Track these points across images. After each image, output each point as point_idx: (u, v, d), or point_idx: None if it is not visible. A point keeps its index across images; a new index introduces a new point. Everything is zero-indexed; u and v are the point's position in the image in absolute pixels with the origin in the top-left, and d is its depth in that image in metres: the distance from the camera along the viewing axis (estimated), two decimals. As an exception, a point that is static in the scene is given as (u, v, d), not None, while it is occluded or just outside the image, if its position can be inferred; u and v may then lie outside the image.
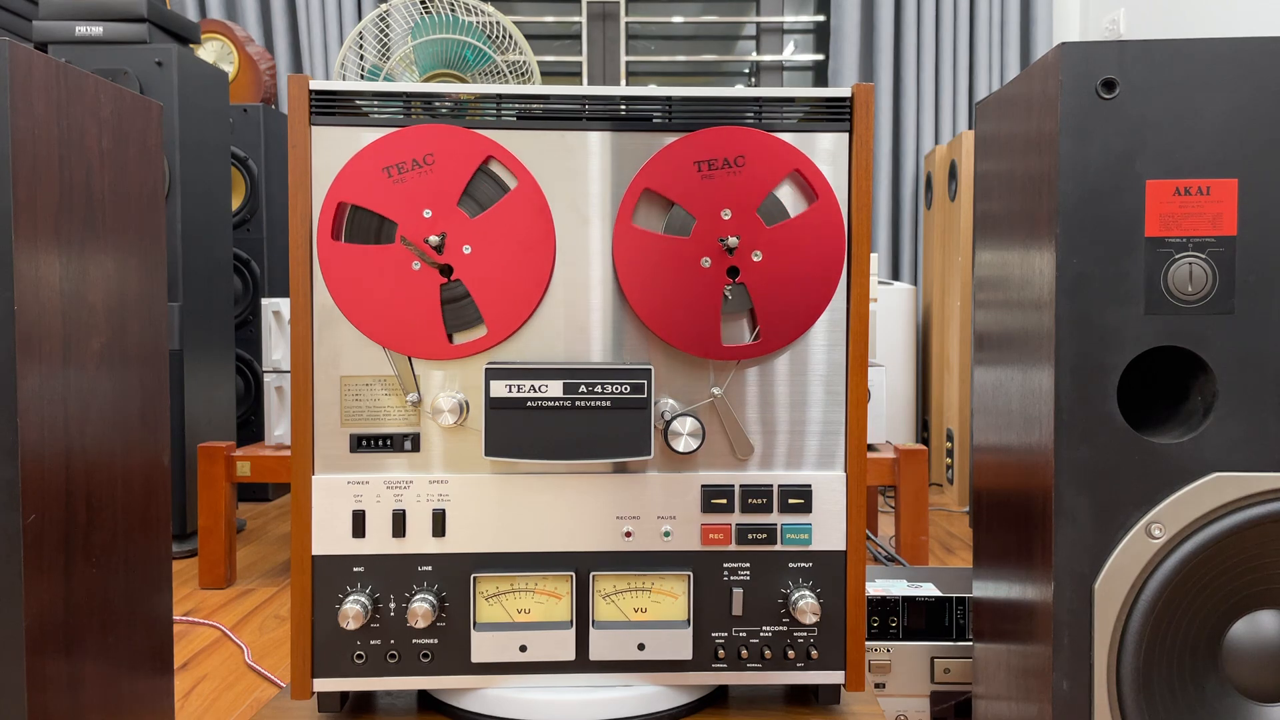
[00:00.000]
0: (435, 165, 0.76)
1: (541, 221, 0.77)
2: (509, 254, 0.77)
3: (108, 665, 0.75)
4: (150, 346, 0.81)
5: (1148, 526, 0.68)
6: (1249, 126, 0.67)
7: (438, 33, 2.03)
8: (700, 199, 0.77)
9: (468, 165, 0.76)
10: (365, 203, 0.76)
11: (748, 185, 0.77)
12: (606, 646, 0.79)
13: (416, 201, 0.76)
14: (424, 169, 0.76)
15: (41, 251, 0.66)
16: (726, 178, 0.77)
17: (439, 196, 0.76)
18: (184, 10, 2.94)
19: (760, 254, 0.77)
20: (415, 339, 0.77)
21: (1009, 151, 0.78)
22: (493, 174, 0.77)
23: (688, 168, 0.77)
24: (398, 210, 0.76)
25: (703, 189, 0.77)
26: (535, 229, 0.77)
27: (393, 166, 0.76)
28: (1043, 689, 0.71)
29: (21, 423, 0.63)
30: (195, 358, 1.97)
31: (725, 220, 0.77)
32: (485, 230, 0.76)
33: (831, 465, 0.80)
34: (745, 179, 0.77)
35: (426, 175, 0.76)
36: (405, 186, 0.76)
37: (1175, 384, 0.72)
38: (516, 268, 0.77)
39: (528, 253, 0.77)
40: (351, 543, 0.78)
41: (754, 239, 0.77)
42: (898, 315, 2.62)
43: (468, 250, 0.76)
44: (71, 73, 0.69)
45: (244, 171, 2.44)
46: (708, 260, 0.77)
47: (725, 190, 0.77)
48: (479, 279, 0.77)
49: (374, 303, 0.76)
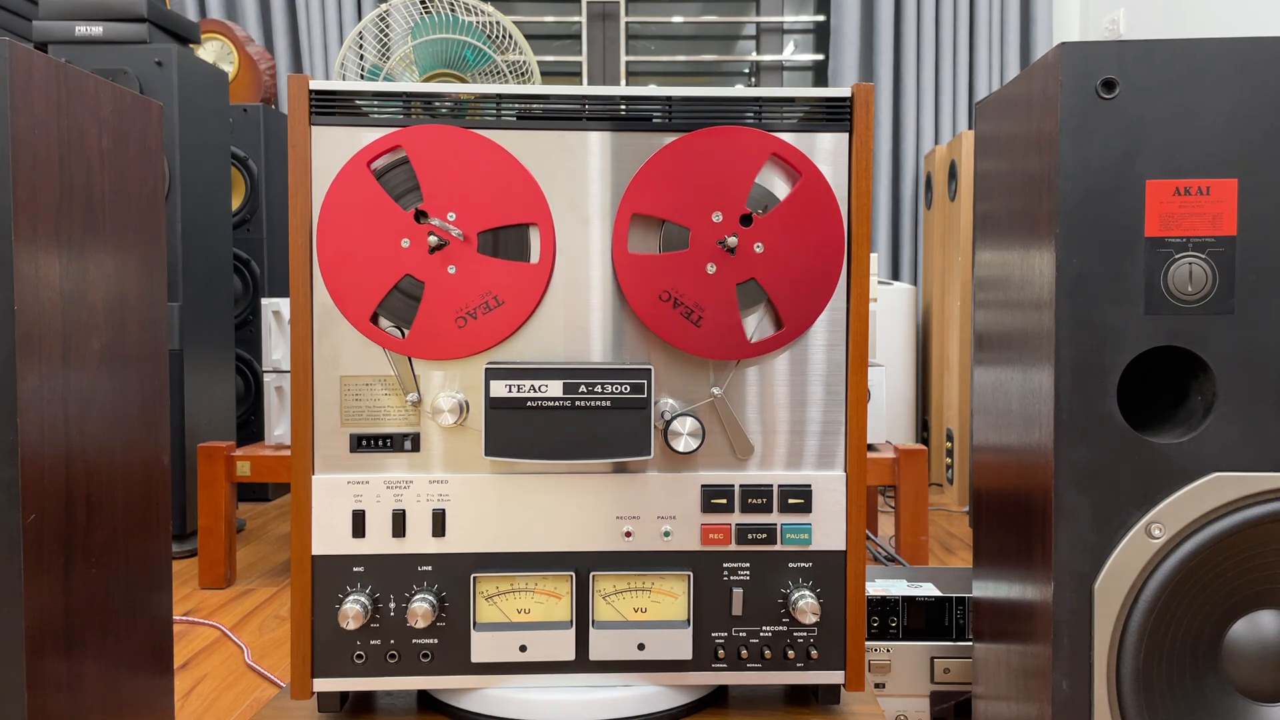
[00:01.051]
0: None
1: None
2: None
3: (108, 665, 0.75)
4: (150, 346, 0.81)
5: (1148, 526, 0.68)
6: (1249, 126, 0.67)
7: (438, 33, 2.03)
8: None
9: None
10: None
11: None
12: (606, 646, 0.79)
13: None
14: (480, 182, 0.76)
15: (41, 251, 0.66)
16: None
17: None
18: (184, 10, 2.94)
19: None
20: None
21: (1009, 151, 0.78)
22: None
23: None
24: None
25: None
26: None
27: (456, 158, 0.76)
28: (1043, 689, 0.71)
29: (21, 423, 0.63)
30: (195, 358, 1.97)
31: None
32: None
33: (831, 465, 0.80)
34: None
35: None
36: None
37: (1175, 384, 0.72)
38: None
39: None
40: (351, 543, 0.78)
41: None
42: (898, 315, 2.62)
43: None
44: (71, 73, 0.69)
45: (244, 171, 2.44)
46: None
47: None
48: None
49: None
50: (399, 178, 0.77)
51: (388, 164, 0.77)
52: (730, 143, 0.77)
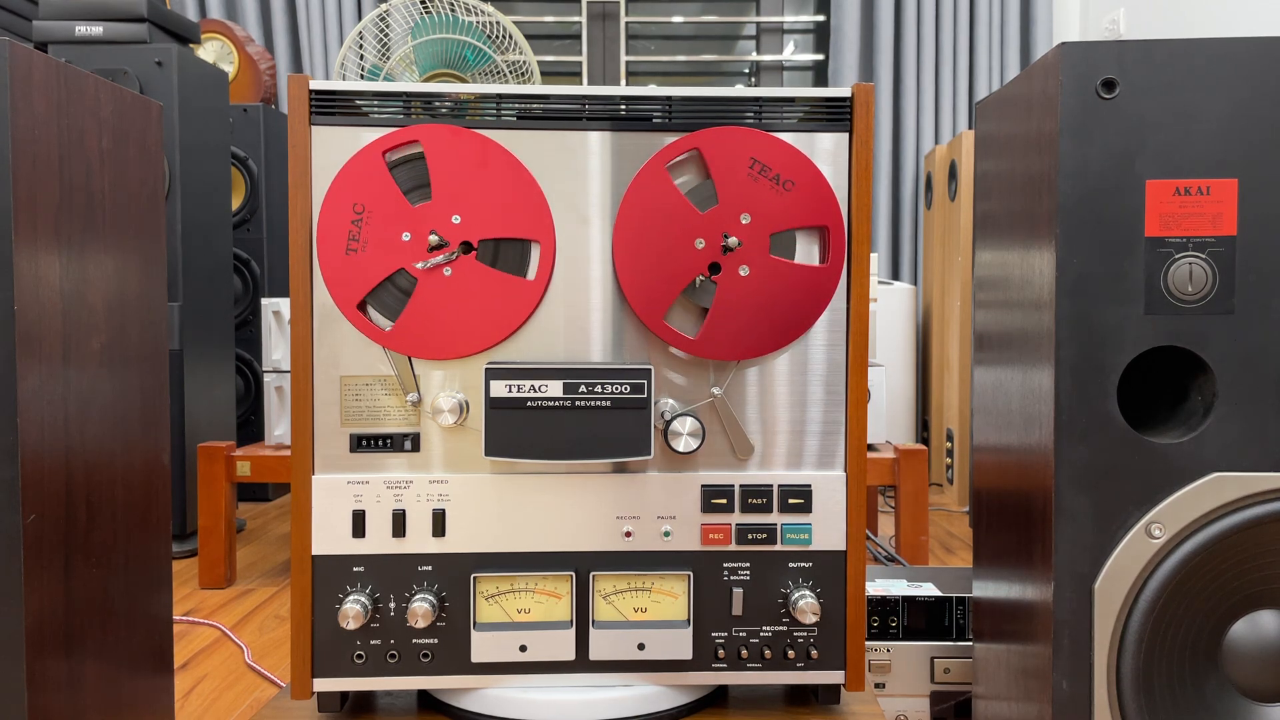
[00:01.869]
0: (366, 205, 0.76)
1: (467, 139, 0.76)
2: (477, 183, 0.77)
3: (108, 665, 0.75)
4: (150, 346, 0.81)
5: (1148, 526, 0.68)
6: (1249, 126, 0.67)
7: (438, 33, 2.03)
8: (736, 189, 0.77)
9: (380, 177, 0.76)
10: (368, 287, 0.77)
11: (781, 210, 0.77)
12: (606, 646, 0.79)
13: (390, 241, 0.76)
14: (364, 217, 0.76)
15: (41, 251, 0.66)
16: (769, 190, 0.77)
17: (394, 218, 0.76)
18: (184, 10, 2.94)
19: (747, 270, 0.77)
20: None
21: (1009, 151, 0.78)
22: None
23: (743, 157, 0.77)
24: (390, 262, 0.76)
25: (744, 183, 0.77)
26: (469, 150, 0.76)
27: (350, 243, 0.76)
28: (1043, 689, 0.71)
29: (21, 423, 0.63)
30: (195, 358, 1.97)
31: (741, 224, 0.77)
32: (445, 192, 0.76)
33: (831, 465, 0.80)
34: (783, 203, 0.77)
35: (371, 218, 0.76)
36: (372, 243, 0.76)
37: (1175, 384, 0.72)
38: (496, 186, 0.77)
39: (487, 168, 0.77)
40: (351, 543, 0.78)
41: (751, 257, 0.77)
42: (898, 315, 2.62)
43: (457, 220, 0.76)
44: (71, 73, 0.69)
45: (244, 171, 2.44)
46: (702, 242, 0.77)
47: (761, 200, 0.77)
48: (488, 221, 0.77)
49: (461, 323, 0.77)
50: (410, 173, 0.77)
51: (401, 157, 0.77)
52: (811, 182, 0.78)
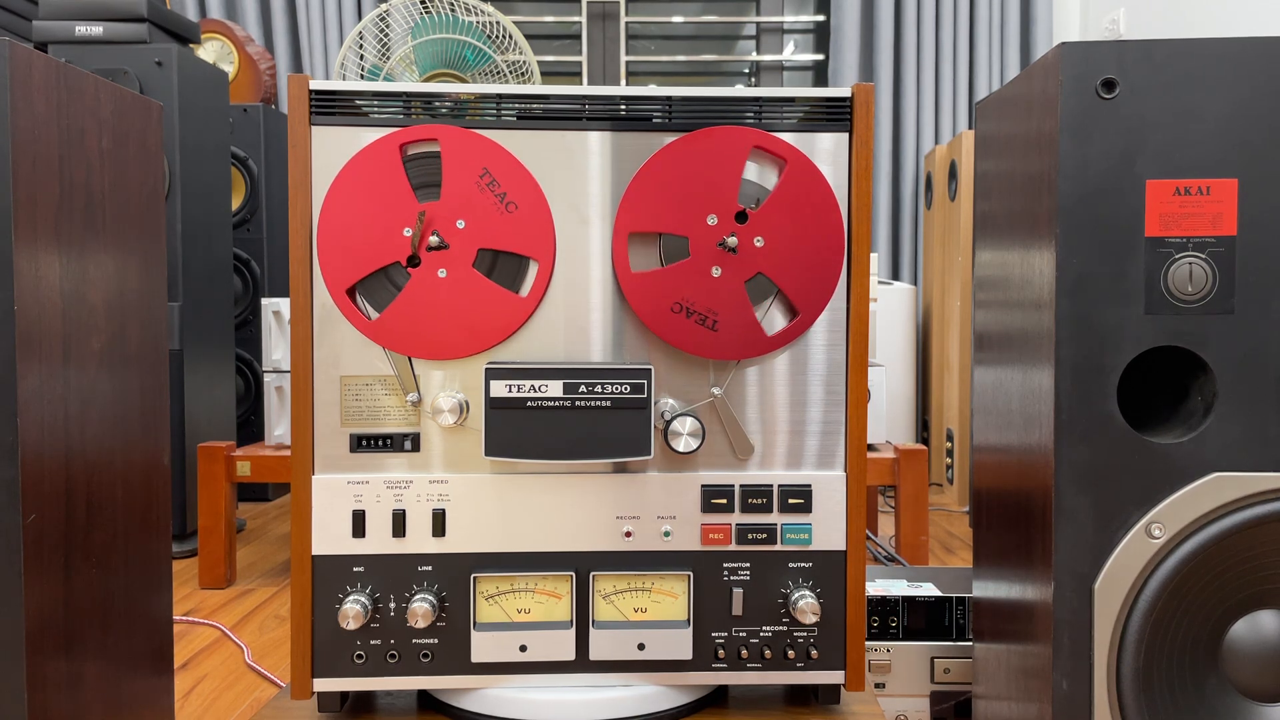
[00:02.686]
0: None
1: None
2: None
3: (108, 665, 0.75)
4: (150, 346, 0.81)
5: (1148, 526, 0.68)
6: (1249, 126, 0.67)
7: (438, 33, 2.03)
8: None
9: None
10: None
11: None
12: (606, 646, 0.79)
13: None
14: (372, 204, 0.76)
15: (41, 251, 0.66)
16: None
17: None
18: (184, 10, 2.94)
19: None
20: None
21: (1009, 151, 0.78)
22: (422, 154, 0.77)
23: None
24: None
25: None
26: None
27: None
28: (1043, 689, 0.71)
29: (21, 423, 0.63)
30: (195, 358, 1.97)
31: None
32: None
33: (831, 465, 0.80)
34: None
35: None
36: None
37: (1175, 384, 0.72)
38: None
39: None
40: (351, 543, 0.78)
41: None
42: (898, 315, 2.62)
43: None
44: (71, 73, 0.69)
45: (244, 171, 2.44)
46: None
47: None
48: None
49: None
50: (423, 169, 0.77)
51: (415, 153, 0.77)
52: (712, 144, 0.77)
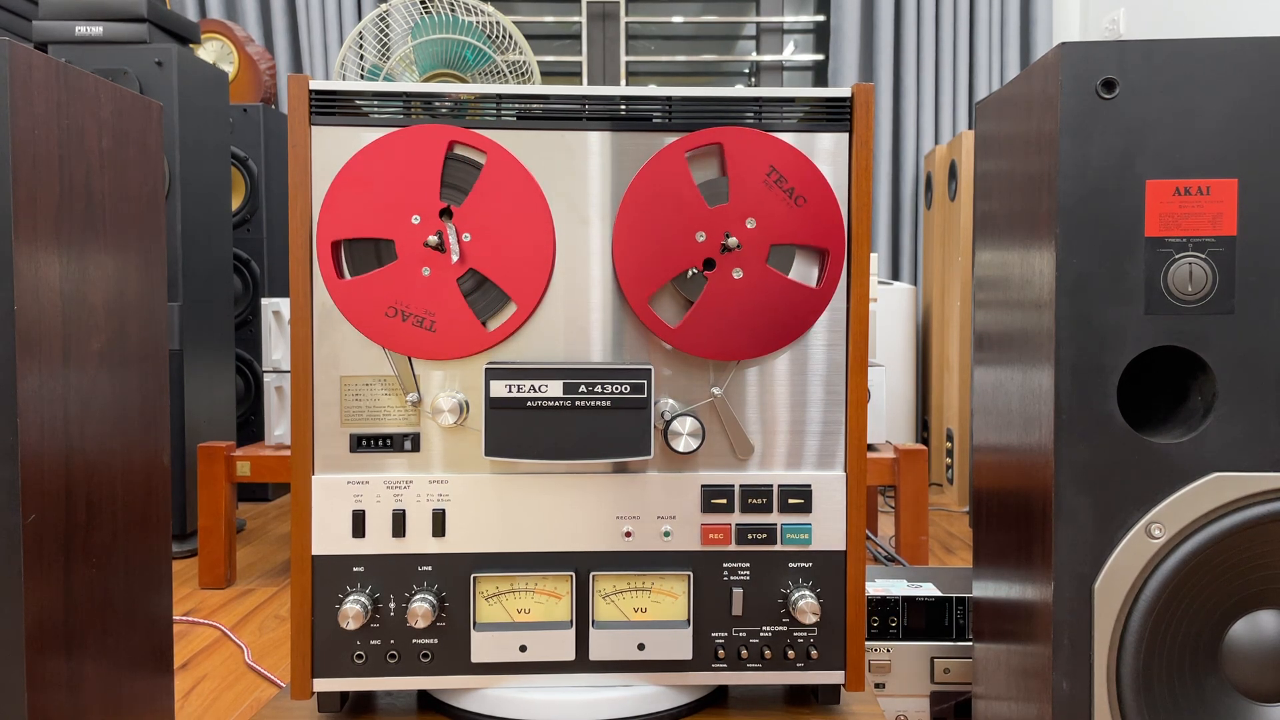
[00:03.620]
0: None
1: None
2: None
3: (108, 665, 0.75)
4: (150, 346, 0.81)
5: (1148, 526, 0.68)
6: (1249, 126, 0.67)
7: (438, 33, 2.03)
8: (748, 192, 0.77)
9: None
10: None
11: (788, 224, 0.77)
12: (606, 646, 0.79)
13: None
14: (396, 178, 0.76)
15: (41, 251, 0.66)
16: (781, 202, 0.77)
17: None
18: (184, 10, 2.94)
19: (741, 273, 0.77)
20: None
21: (1009, 151, 0.78)
22: (462, 158, 0.77)
23: (763, 163, 0.77)
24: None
25: (758, 188, 0.77)
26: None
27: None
28: (1043, 689, 0.71)
29: (21, 423, 0.63)
30: (195, 358, 1.97)
31: (746, 227, 0.77)
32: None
33: (831, 465, 0.80)
34: (792, 217, 0.77)
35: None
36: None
37: (1175, 384, 0.72)
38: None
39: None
40: (351, 543, 0.78)
41: (748, 261, 0.77)
42: (898, 315, 2.62)
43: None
44: (71, 73, 0.69)
45: (244, 171, 2.44)
46: (703, 236, 0.77)
47: (770, 208, 0.77)
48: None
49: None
50: (458, 171, 0.77)
51: (458, 155, 0.77)
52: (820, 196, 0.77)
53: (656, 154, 0.77)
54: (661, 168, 0.76)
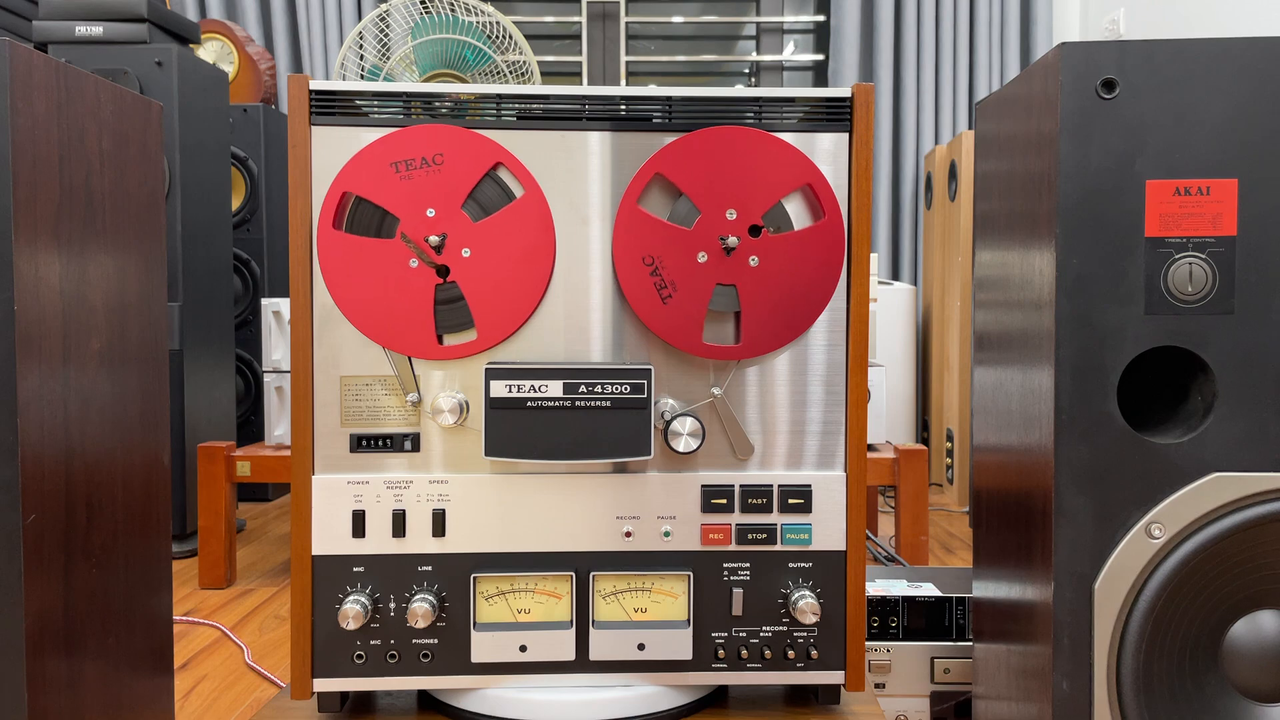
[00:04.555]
0: (444, 166, 0.76)
1: (543, 231, 0.77)
2: (508, 261, 0.77)
3: (108, 665, 0.75)
4: (150, 346, 0.81)
5: (1148, 526, 0.68)
6: (1249, 126, 0.67)
7: (438, 33, 2.03)
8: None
9: (477, 169, 0.76)
10: (370, 195, 0.76)
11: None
12: (606, 646, 0.79)
13: (421, 200, 0.76)
14: (432, 168, 0.76)
15: (41, 251, 0.66)
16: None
17: (444, 197, 0.76)
18: (184, 10, 2.94)
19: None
20: (405, 336, 0.77)
21: (1009, 151, 0.78)
22: (500, 180, 0.77)
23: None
24: (401, 206, 0.76)
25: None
26: (536, 239, 0.77)
27: (401, 162, 0.76)
28: (1043, 689, 0.71)
29: (21, 423, 0.63)
30: (195, 358, 1.97)
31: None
32: (487, 236, 0.76)
33: (831, 465, 0.80)
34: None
35: (434, 175, 0.76)
36: (411, 184, 0.76)
37: (1175, 384, 0.72)
38: (514, 276, 0.77)
39: (527, 262, 0.77)
40: (351, 543, 0.78)
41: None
42: (898, 315, 2.62)
43: (467, 254, 0.76)
44: (71, 73, 0.69)
45: (244, 171, 2.44)
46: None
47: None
48: (475, 283, 0.77)
49: (368, 296, 0.76)
50: (366, 214, 0.77)
51: (350, 210, 0.77)
52: (772, 154, 0.77)
53: (616, 217, 0.77)
54: (631, 226, 0.77)
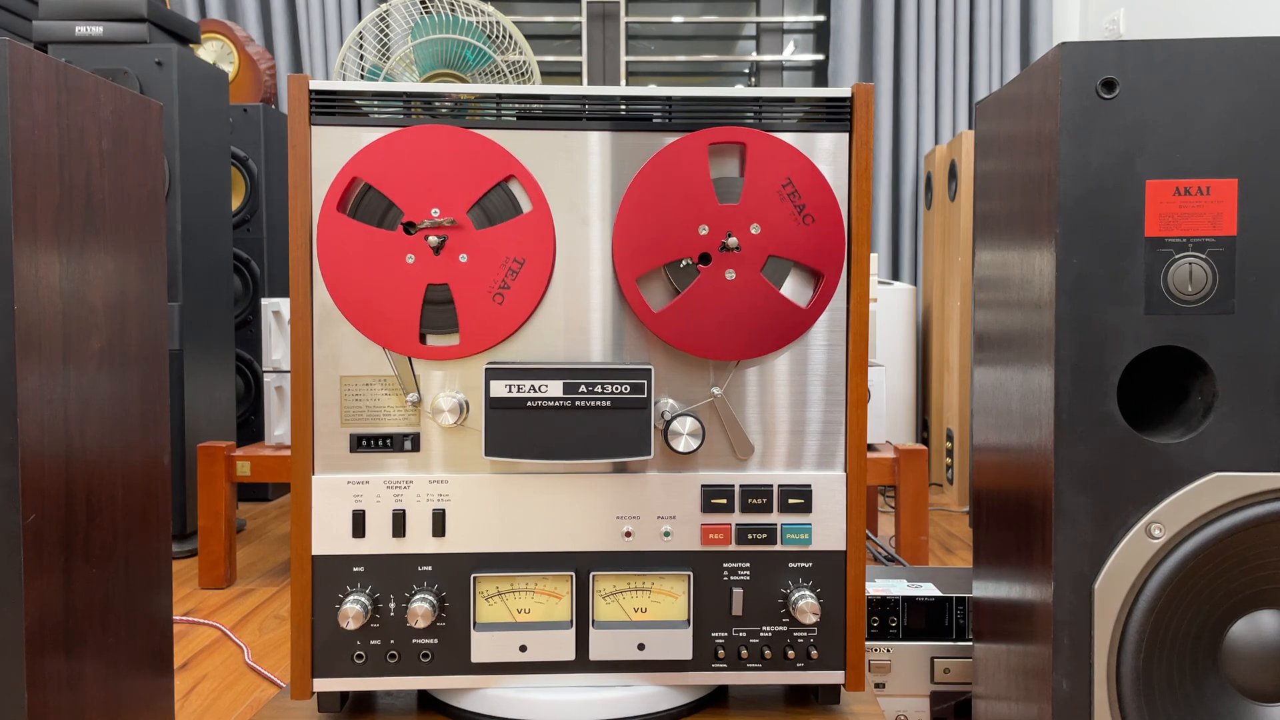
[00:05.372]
0: (458, 168, 0.76)
1: (545, 248, 0.77)
2: (504, 273, 0.77)
3: (108, 665, 0.75)
4: (150, 346, 0.81)
5: (1148, 526, 0.68)
6: (1249, 126, 0.67)
7: (438, 33, 2.03)
8: (761, 199, 0.77)
9: (489, 177, 0.76)
10: (380, 184, 0.76)
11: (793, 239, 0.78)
12: (606, 646, 0.79)
13: (429, 198, 0.76)
14: (446, 169, 0.76)
15: (41, 251, 0.66)
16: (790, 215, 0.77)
17: (453, 199, 0.76)
18: (184, 10, 2.94)
19: (734, 274, 0.77)
20: (389, 330, 0.77)
21: (1009, 151, 0.78)
22: (509, 191, 0.77)
23: (782, 173, 0.77)
24: (409, 200, 0.76)
25: (770, 195, 0.77)
26: (536, 254, 0.77)
27: (416, 159, 0.76)
28: (1043, 689, 0.71)
29: (21, 423, 0.63)
30: (195, 358, 1.97)
31: (750, 232, 0.77)
32: (488, 245, 0.76)
33: (831, 465, 0.80)
34: (797, 234, 0.78)
35: (447, 176, 0.76)
36: (423, 181, 0.76)
37: (1175, 384, 0.72)
38: (507, 289, 0.77)
39: (523, 276, 0.77)
40: (351, 543, 0.78)
41: (744, 266, 0.77)
42: (898, 315, 2.62)
43: (464, 259, 0.76)
44: (71, 73, 0.69)
45: (244, 171, 2.44)
46: (705, 229, 0.77)
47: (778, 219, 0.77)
48: (467, 290, 0.77)
49: (359, 284, 0.76)
50: (373, 204, 0.77)
51: (356, 196, 0.77)
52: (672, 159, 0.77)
53: (678, 140, 0.77)
54: (680, 154, 0.76)
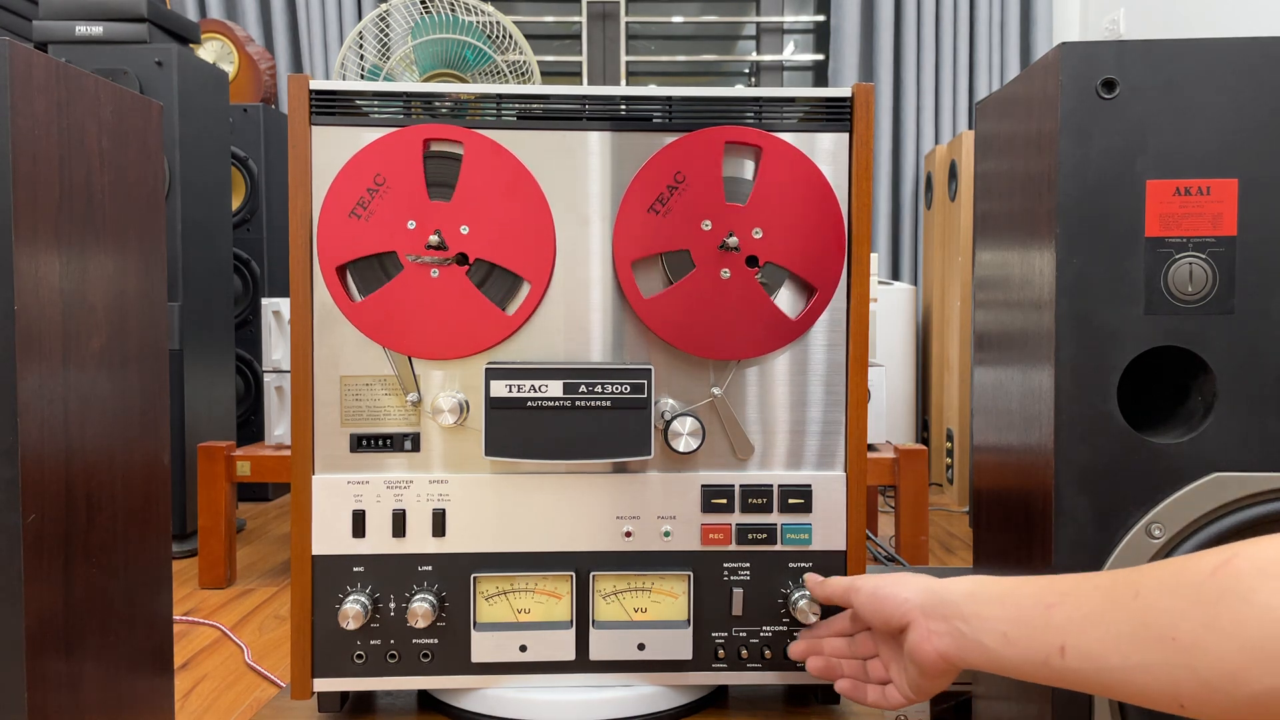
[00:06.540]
0: (387, 180, 0.76)
1: (507, 165, 0.76)
2: (501, 209, 0.76)
3: (108, 665, 0.75)
4: (150, 346, 0.81)
5: (1148, 526, 0.68)
6: (1249, 126, 0.67)
7: (438, 33, 2.03)
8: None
9: (413, 161, 0.76)
10: (356, 254, 0.76)
11: (699, 190, 0.77)
12: (606, 646, 0.79)
13: (395, 222, 0.76)
14: (380, 190, 0.76)
15: (41, 251, 0.66)
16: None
17: (409, 203, 0.76)
18: (184, 10, 2.94)
19: (728, 273, 0.77)
20: (478, 333, 0.77)
21: (1009, 151, 0.78)
22: (442, 154, 0.77)
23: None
24: (387, 240, 0.76)
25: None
26: (507, 176, 0.76)
27: (356, 207, 0.76)
28: (1042, 689, 0.71)
29: (21, 423, 0.63)
30: (195, 358, 1.97)
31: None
32: (466, 202, 0.76)
33: (831, 465, 0.80)
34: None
35: (387, 193, 0.76)
36: (377, 216, 0.76)
37: (1175, 384, 0.72)
38: (514, 217, 0.77)
39: (515, 199, 0.76)
40: (351, 543, 0.78)
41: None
42: (898, 315, 2.62)
43: (465, 230, 0.76)
44: (71, 73, 0.69)
45: (244, 171, 2.44)
46: (727, 272, 0.77)
47: (688, 211, 0.77)
48: (492, 245, 0.76)
49: (428, 326, 0.77)
50: (440, 168, 0.77)
51: (436, 151, 0.77)
52: (682, 155, 0.77)
53: (694, 133, 0.77)
54: (695, 147, 0.76)
